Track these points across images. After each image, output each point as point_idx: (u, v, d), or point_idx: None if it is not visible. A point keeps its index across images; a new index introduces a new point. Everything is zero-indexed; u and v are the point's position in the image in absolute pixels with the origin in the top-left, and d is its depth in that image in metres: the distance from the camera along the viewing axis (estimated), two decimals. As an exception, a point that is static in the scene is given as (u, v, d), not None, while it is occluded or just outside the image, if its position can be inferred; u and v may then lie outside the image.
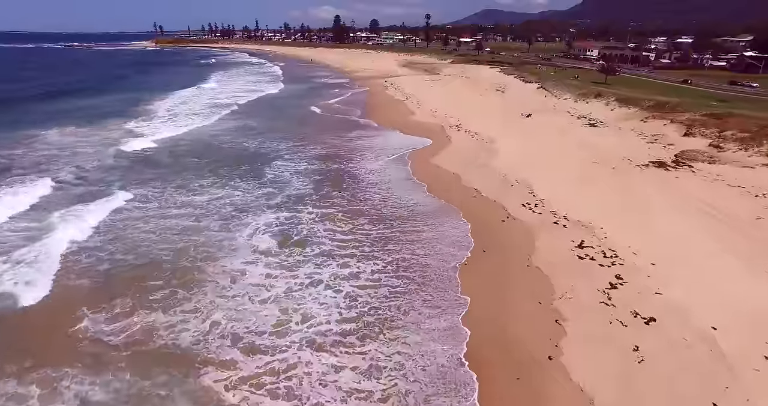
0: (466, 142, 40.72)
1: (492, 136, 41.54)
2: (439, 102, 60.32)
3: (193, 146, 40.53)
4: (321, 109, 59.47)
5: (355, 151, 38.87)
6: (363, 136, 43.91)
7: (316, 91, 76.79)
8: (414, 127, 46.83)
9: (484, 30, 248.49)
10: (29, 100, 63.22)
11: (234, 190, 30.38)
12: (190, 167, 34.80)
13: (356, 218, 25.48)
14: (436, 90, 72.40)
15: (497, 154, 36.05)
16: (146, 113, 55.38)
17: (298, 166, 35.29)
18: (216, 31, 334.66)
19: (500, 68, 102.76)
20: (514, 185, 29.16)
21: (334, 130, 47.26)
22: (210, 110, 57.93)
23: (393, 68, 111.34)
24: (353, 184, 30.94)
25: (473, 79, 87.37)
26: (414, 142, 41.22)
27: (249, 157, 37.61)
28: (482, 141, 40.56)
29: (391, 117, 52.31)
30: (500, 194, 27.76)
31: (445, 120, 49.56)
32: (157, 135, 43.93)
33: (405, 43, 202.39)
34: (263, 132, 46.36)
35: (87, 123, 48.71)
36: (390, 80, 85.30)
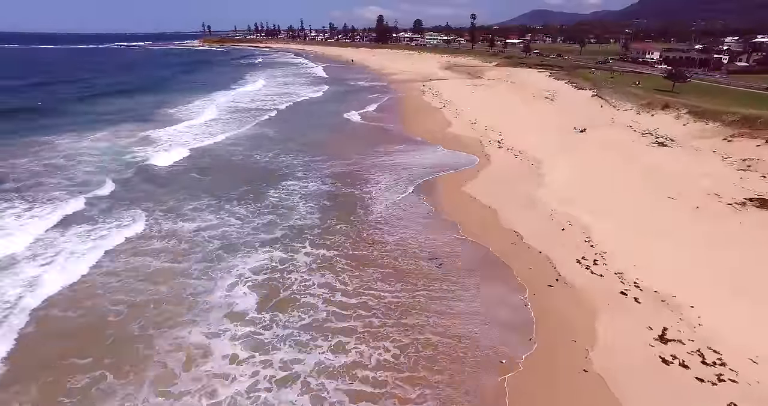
0: (508, 163, 34.51)
1: (539, 157, 35.12)
2: (480, 111, 54.01)
3: (198, 160, 36.48)
4: (351, 116, 54.61)
5: (377, 171, 33.57)
6: (388, 152, 38.54)
7: (350, 95, 72.07)
8: (448, 142, 41.00)
9: (532, 31, 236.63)
10: (68, 101, 61.93)
11: (230, 217, 25.91)
12: (188, 185, 30.71)
13: (364, 268, 20.19)
14: (477, 96, 65.94)
15: (545, 181, 29.75)
16: (170, 119, 52.39)
17: (309, 186, 30.45)
18: (261, 31, 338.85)
19: (549, 72, 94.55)
20: (566, 228, 22.93)
21: (358, 142, 42.20)
22: (232, 116, 54.39)
23: (433, 71, 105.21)
24: (365, 217, 25.63)
25: (519, 84, 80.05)
26: (446, 162, 35.45)
27: (258, 173, 33.14)
28: (527, 162, 34.24)
29: (424, 128, 46.66)
30: (548, 242, 21.65)
31: (485, 134, 43.37)
32: (171, 145, 40.37)
33: (449, 44, 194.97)
34: (282, 142, 41.93)
35: (109, 127, 46.12)
36: (428, 84, 79.42)
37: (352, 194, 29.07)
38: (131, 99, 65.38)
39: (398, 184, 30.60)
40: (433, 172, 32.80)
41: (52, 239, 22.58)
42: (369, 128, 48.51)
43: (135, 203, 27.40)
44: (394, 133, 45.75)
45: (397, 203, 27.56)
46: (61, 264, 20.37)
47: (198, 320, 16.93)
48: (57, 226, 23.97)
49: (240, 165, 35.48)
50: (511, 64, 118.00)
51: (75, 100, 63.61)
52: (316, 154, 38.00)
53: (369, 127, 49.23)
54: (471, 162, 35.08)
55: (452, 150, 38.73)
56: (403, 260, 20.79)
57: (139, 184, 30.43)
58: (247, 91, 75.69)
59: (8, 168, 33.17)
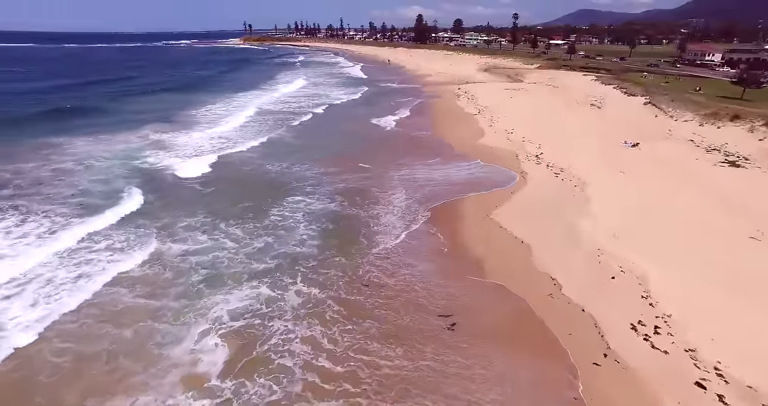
0: (548, 183, 29.83)
1: (584, 177, 30.23)
2: (518, 119, 49.09)
3: (208, 171, 33.71)
4: (379, 121, 50.84)
5: (393, 187, 29.70)
6: (410, 164, 34.57)
7: (382, 98, 68.34)
8: (480, 155, 36.59)
9: (577, 31, 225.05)
10: (110, 100, 61.44)
11: (225, 239, 22.88)
12: (189, 199, 27.90)
13: (359, 320, 16.47)
14: (515, 102, 60.75)
15: (590, 209, 24.99)
16: (197, 123, 50.39)
17: (315, 205, 26.98)
18: (301, 30, 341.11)
19: (596, 76, 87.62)
20: (617, 277, 18.33)
21: (380, 152, 38.47)
22: (264, 119, 51.81)
23: (470, 73, 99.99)
24: (368, 248, 21.84)
25: (562, 88, 73.99)
26: (474, 180, 31.18)
27: (265, 187, 29.97)
28: (570, 183, 29.45)
29: (454, 138, 42.36)
30: (593, 295, 17.20)
31: (522, 146, 38.61)
32: (189, 153, 37.76)
33: (489, 45, 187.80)
34: (297, 151, 38.67)
35: (133, 128, 44.52)
36: (464, 87, 74.63)
37: (358, 217, 25.33)
38: (168, 99, 64.15)
39: (414, 207, 26.56)
40: (457, 192, 28.60)
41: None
42: (395, 136, 44.68)
43: (128, 220, 24.77)
44: (420, 143, 41.71)
45: (408, 231, 23.58)
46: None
47: (151, 383, 13.75)
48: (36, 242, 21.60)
49: (250, 176, 32.47)
50: (554, 67, 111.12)
51: (115, 98, 63.05)
52: (333, 165, 34.54)
53: (395, 134, 45.40)
54: (504, 181, 30.62)
55: (484, 165, 34.35)
56: (406, 312, 16.88)
57: (136, 196, 27.85)
58: (282, 93, 72.18)
59: (12, 173, 31.57)
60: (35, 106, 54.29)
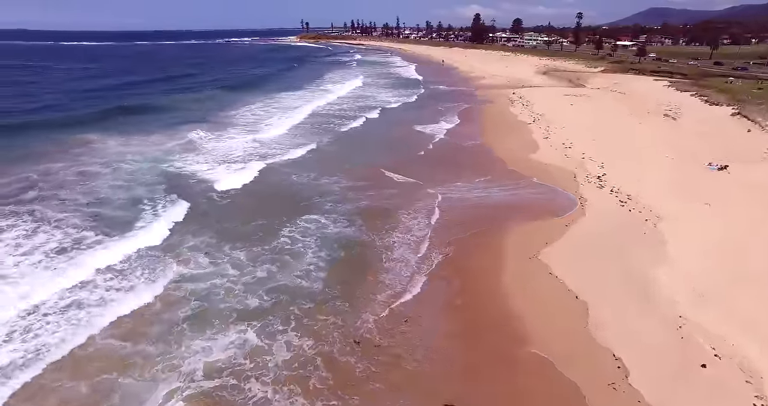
0: (612, 214, 24.78)
1: (657, 208, 24.92)
2: (578, 130, 43.48)
3: (236, 184, 31.47)
4: (424, 129, 46.69)
5: (421, 209, 25.82)
6: (449, 180, 30.44)
7: (433, 101, 63.89)
8: (532, 172, 31.89)
9: (648, 31, 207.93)
10: (163, 97, 61.83)
11: (226, 264, 20.39)
12: (205, 213, 25.60)
13: (346, 396, 13.06)
14: (576, 110, 54.65)
15: (667, 254, 19.98)
16: (238, 124, 48.98)
17: (331, 227, 23.77)
18: (357, 28, 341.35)
19: (669, 81, 78.73)
20: (710, 365, 13.56)
21: (419, 163, 34.72)
22: (314, 122, 49.40)
23: (528, 76, 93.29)
24: (372, 293, 18.26)
25: (630, 95, 66.46)
26: (521, 204, 26.67)
27: (284, 201, 27.09)
28: (640, 216, 24.29)
29: (503, 151, 37.71)
30: (674, 391, 12.64)
31: (582, 164, 33.41)
32: (219, 158, 35.99)
33: (549, 46, 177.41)
34: (335, 160, 35.58)
35: (165, 130, 43.70)
36: (519, 92, 68.89)
37: (373, 246, 21.81)
38: (222, 98, 63.34)
39: (442, 236, 22.57)
40: (500, 220, 24.27)
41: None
42: (439, 145, 40.55)
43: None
44: (465, 155, 37.44)
45: (428, 270, 19.72)
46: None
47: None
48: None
49: (273, 188, 29.80)
50: (620, 70, 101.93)
51: (173, 96, 62.92)
52: (365, 177, 31.17)
53: (440, 144, 41.24)
54: (558, 209, 25.88)
55: (535, 185, 29.72)
56: (399, 392, 13.17)
57: (148, 207, 25.89)
58: (336, 95, 67.46)
59: (40, 174, 30.82)
60: (93, 105, 54.77)
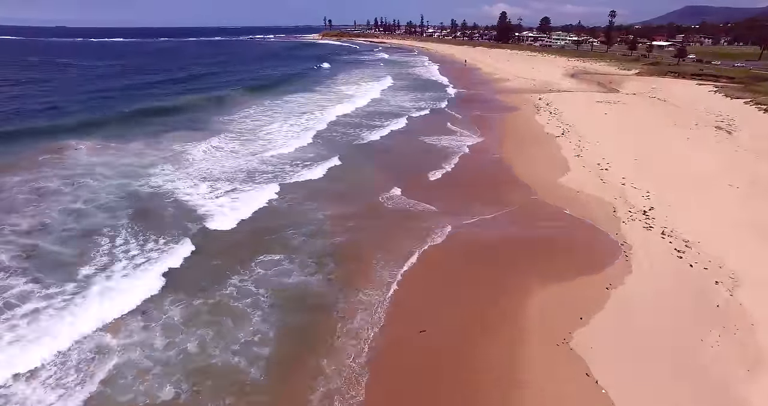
0: (667, 270, 19.01)
1: (730, 262, 19.06)
2: (615, 145, 37.37)
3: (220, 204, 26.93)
4: (441, 142, 40.95)
5: (410, 252, 20.55)
6: (454, 213, 25.03)
7: (452, 109, 58.29)
8: (561, 201, 26.22)
9: (686, 31, 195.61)
10: (181, 101, 56.84)
11: (154, 330, 15.72)
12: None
13: None
14: (611, 120, 48.27)
15: (757, 345, 14.27)
16: (249, 138, 44.68)
17: (292, 274, 18.69)
18: (380, 26, 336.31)
19: (715, 86, 71.06)
20: None
21: (423, 186, 29.46)
22: (329, 136, 44.68)
23: (555, 79, 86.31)
24: (315, 383, 13.14)
25: (672, 102, 59.40)
26: (544, 251, 21.10)
27: (247, 235, 22.26)
28: (705, 274, 18.51)
29: (526, 171, 32.02)
30: None
31: (623, 192, 27.54)
32: (207, 179, 31.71)
33: (579, 46, 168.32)
34: (335, 181, 30.82)
35: (152, 138, 39.54)
36: (546, 98, 62.53)
37: (332, 310, 16.55)
38: (235, 99, 58.38)
39: (425, 301, 17.21)
40: (514, 276, 18.78)
41: None
42: (454, 164, 34.95)
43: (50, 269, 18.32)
44: (481, 177, 31.82)
45: (383, 356, 14.49)
46: None
47: None
48: None
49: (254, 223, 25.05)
50: (657, 73, 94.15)
51: (190, 98, 57.34)
52: (355, 201, 26.18)
53: (455, 162, 35.45)
54: (593, 260, 20.12)
55: (565, 218, 24.10)
56: None
57: (102, 241, 21.44)
58: (356, 103, 58.86)
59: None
60: (95, 107, 50.70)
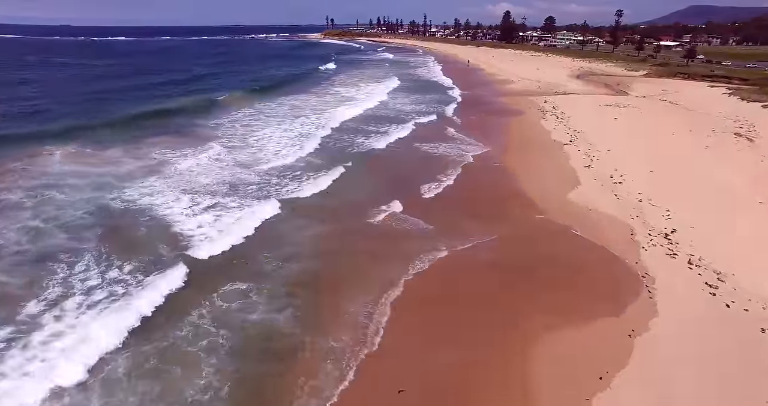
0: (698, 311, 16.13)
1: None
2: (629, 155, 34.52)
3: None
4: (439, 151, 38.41)
5: (391, 282, 17.85)
6: (453, 235, 22.32)
7: (454, 113, 55.48)
8: (570, 219, 23.39)
9: (693, 30, 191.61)
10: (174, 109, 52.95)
11: (92, 384, 13.04)
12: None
13: None
14: (622, 125, 45.35)
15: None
16: (243, 149, 42.03)
17: (257, 310, 15.96)
18: (382, 25, 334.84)
19: (729, 88, 67.88)
20: None
21: (417, 208, 26.74)
22: (324, 142, 41.95)
23: (560, 80, 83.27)
24: None
25: (685, 106, 56.36)
26: (558, 283, 18.35)
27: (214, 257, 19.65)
28: (745, 316, 15.66)
29: (534, 184, 29.20)
30: None
31: (640, 210, 24.68)
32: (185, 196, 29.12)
33: (584, 46, 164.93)
34: (330, 197, 28.11)
35: (134, 144, 36.96)
36: (552, 101, 59.58)
37: (292, 362, 13.78)
38: (232, 103, 54.56)
39: (406, 346, 14.55)
40: (515, 316, 15.98)
41: None
42: (453, 177, 32.24)
43: None
44: (482, 191, 29.10)
45: None
46: None
47: None
48: None
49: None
50: (666, 74, 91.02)
51: (186, 104, 52.23)
52: (341, 219, 23.48)
53: (455, 173, 32.82)
54: (613, 296, 17.33)
55: (575, 240, 21.32)
56: None
57: (59, 269, 18.82)
58: (363, 107, 54.62)
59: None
60: (82, 111, 46.69)
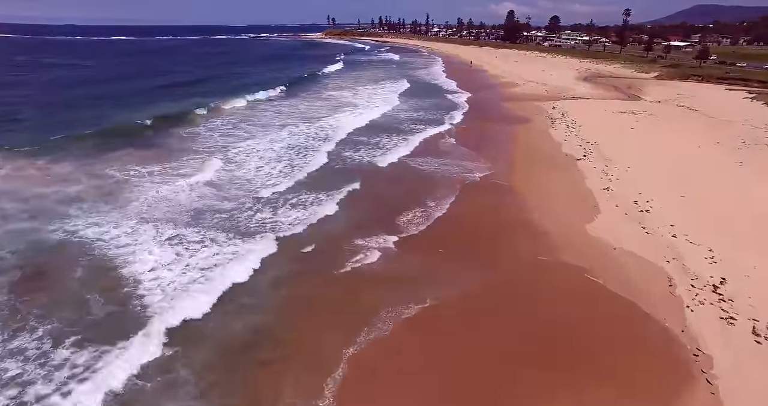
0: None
1: None
2: (654, 175, 30.10)
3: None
4: (439, 167, 34.52)
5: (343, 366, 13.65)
6: (443, 284, 18.12)
7: (455, 123, 51.11)
8: (591, 262, 19.07)
9: (702, 30, 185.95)
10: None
11: None
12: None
13: None
14: (641, 137, 40.81)
15: None
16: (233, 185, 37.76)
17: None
18: (384, 25, 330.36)
19: (749, 92, 63.22)
20: None
21: (408, 245, 22.47)
22: (330, 163, 37.69)
23: (568, 83, 78.66)
24: None
25: (705, 112, 51.72)
26: (579, 360, 14.08)
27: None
28: None
29: (545, 212, 24.78)
30: None
31: (676, 248, 20.26)
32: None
33: (590, 46, 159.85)
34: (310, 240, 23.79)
35: (90, 162, 32.82)
36: (560, 106, 55.08)
37: None
38: (216, 113, 48.35)
39: None
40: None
41: None
42: (452, 202, 28.01)
43: None
44: (483, 217, 24.86)
45: None
46: None
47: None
48: None
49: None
50: (678, 76, 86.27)
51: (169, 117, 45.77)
52: (314, 261, 19.23)
53: (453, 199, 28.71)
54: (655, 383, 13.16)
55: (599, 291, 17.00)
56: None
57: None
58: (370, 115, 48.89)
59: None
60: (51, 125, 39.71)
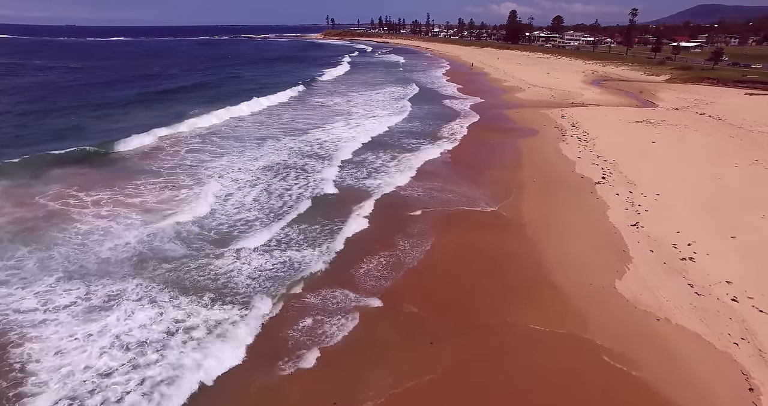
0: None
1: None
2: (688, 204, 25.13)
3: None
4: (439, 194, 29.81)
5: None
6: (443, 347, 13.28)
7: (457, 135, 46.28)
8: (629, 349, 14.20)
9: (710, 30, 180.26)
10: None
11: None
12: None
13: None
14: (663, 152, 35.74)
15: None
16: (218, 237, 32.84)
17: None
18: (384, 25, 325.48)
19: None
20: None
21: (395, 301, 17.64)
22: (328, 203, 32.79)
23: (575, 87, 73.56)
24: None
25: (729, 120, 46.57)
26: None
27: None
28: None
29: (562, 264, 19.86)
30: None
31: (742, 320, 15.28)
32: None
33: (594, 47, 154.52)
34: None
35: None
36: (570, 114, 50.05)
37: None
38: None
39: None
40: None
41: None
42: (441, 247, 23.20)
43: None
44: (483, 280, 19.96)
45: None
46: None
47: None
48: None
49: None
50: (691, 79, 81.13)
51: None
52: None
53: (447, 240, 23.88)
54: None
55: (644, 394, 12.17)
56: None
57: None
58: (369, 129, 43.68)
59: None
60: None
